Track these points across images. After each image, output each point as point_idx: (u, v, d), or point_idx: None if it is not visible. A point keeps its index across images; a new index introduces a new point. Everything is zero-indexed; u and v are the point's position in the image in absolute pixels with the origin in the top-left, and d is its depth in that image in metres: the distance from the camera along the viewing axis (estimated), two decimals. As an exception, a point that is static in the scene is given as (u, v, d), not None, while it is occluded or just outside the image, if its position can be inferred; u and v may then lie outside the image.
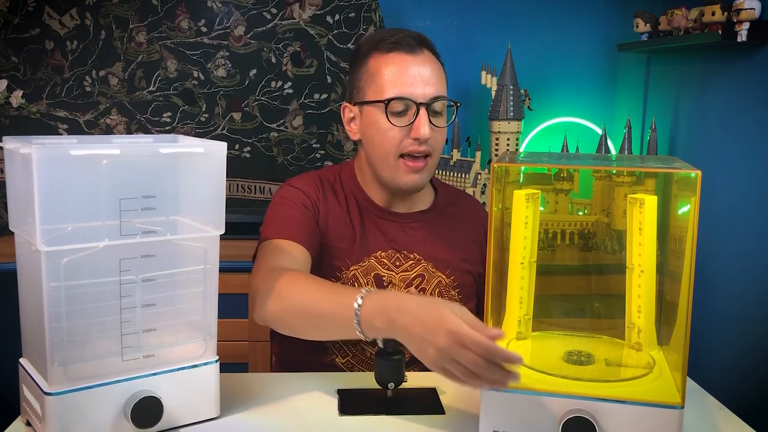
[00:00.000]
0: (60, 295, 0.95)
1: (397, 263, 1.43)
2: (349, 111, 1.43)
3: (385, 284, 1.41)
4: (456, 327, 0.95)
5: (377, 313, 1.05)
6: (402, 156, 1.35)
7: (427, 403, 1.18)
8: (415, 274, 1.43)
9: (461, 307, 1.01)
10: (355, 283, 1.40)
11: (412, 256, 1.43)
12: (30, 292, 1.01)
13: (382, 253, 1.43)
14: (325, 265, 1.40)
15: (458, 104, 1.40)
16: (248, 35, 2.51)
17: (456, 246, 1.48)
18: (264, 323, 1.24)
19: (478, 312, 1.52)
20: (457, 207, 1.54)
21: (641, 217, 1.07)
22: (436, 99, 1.34)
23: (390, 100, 1.33)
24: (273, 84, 2.54)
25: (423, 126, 1.32)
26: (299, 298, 1.17)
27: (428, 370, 1.38)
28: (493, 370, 0.95)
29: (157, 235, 1.02)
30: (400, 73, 1.33)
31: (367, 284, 1.40)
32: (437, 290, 1.44)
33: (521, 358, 0.95)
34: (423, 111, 1.32)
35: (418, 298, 1.05)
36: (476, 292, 1.51)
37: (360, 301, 1.07)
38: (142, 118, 2.52)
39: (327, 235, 1.41)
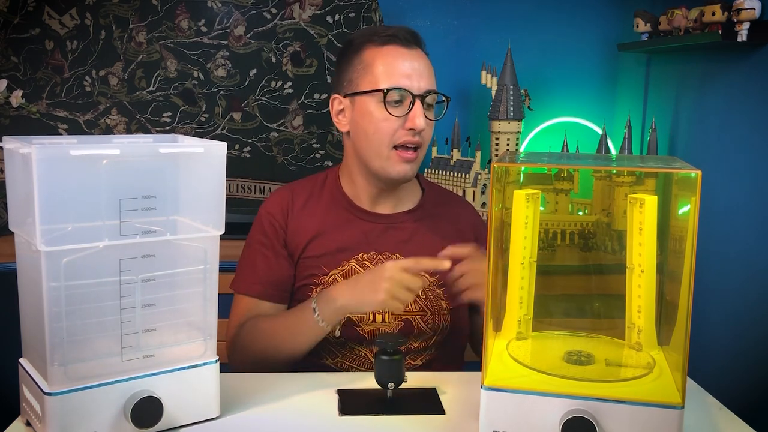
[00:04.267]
0: (60, 295, 0.95)
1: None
2: (338, 103, 1.44)
3: None
4: (395, 261, 1.26)
5: (330, 291, 1.30)
6: (396, 147, 1.37)
7: (427, 403, 1.18)
8: None
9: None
10: None
11: (394, 257, 1.43)
12: (30, 292, 1.01)
13: (364, 255, 1.43)
14: (304, 273, 1.43)
15: (449, 99, 1.44)
16: (248, 35, 2.51)
17: (441, 245, 1.46)
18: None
19: (473, 313, 1.51)
20: (447, 208, 1.53)
21: (641, 217, 1.07)
22: (429, 92, 1.38)
23: (389, 90, 1.35)
24: (273, 84, 2.54)
25: (419, 117, 1.35)
26: (261, 342, 1.36)
27: (428, 370, 1.39)
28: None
29: (157, 235, 1.02)
30: (396, 65, 1.37)
31: None
32: (421, 289, 1.43)
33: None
34: (418, 102, 1.36)
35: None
36: None
37: (314, 302, 1.30)
38: (142, 118, 2.52)
39: (300, 246, 1.44)
